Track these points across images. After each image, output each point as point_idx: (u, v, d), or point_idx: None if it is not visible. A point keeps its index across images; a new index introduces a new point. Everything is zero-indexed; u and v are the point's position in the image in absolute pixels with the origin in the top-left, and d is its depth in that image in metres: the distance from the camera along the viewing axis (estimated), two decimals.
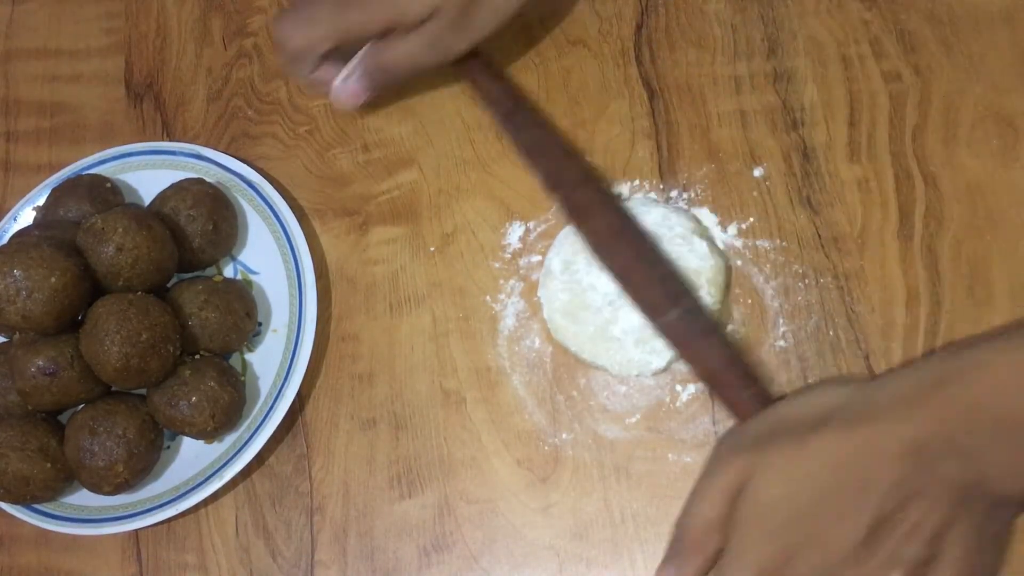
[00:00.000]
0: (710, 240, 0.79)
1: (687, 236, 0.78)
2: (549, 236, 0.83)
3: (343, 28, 0.79)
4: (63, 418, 0.83)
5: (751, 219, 0.81)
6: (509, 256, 0.84)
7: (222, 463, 0.79)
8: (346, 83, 0.82)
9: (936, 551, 0.60)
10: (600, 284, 0.78)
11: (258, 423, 0.80)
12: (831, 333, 0.77)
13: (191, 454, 0.83)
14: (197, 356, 0.81)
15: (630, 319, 0.77)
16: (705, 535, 0.66)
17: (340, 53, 0.82)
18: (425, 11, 0.77)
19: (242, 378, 0.83)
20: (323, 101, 0.92)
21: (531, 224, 0.85)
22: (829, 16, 0.84)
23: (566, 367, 0.80)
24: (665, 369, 0.77)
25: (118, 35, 1.01)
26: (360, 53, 0.82)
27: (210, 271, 0.87)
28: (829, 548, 0.61)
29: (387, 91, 0.86)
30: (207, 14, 0.99)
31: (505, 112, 0.85)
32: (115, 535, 0.83)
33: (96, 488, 0.79)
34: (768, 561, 0.62)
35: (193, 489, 0.79)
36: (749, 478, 0.63)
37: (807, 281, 0.78)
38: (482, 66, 0.85)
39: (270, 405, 0.80)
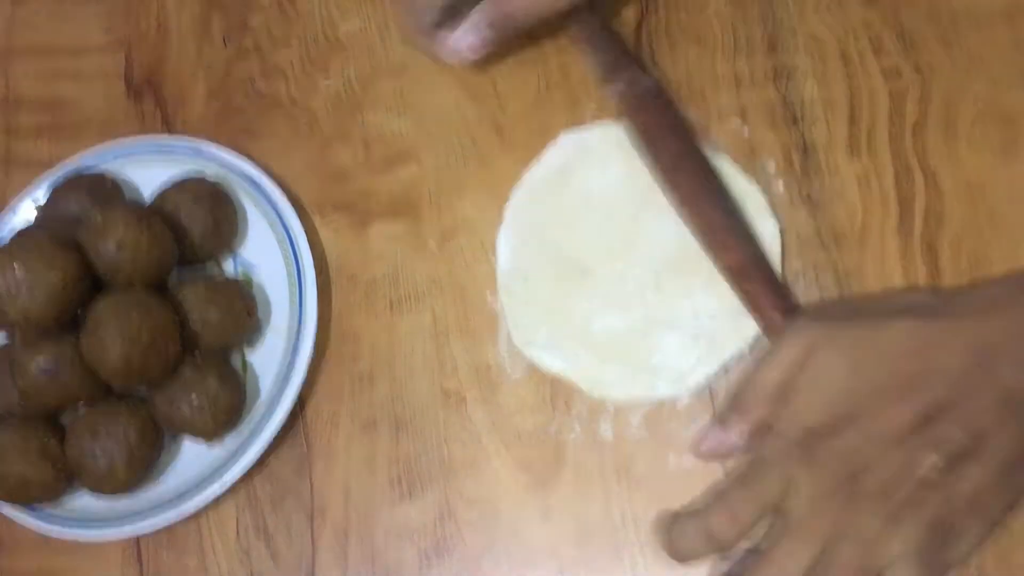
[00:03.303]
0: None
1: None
2: None
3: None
4: (64, 419, 0.82)
5: None
6: None
7: (223, 465, 0.79)
8: (466, 35, 0.80)
9: (978, 448, 0.61)
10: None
11: (259, 424, 0.80)
12: None
13: (192, 455, 0.82)
14: (197, 355, 0.81)
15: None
16: (764, 399, 0.67)
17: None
18: None
19: (242, 378, 0.83)
20: (325, 101, 0.92)
21: None
22: (829, 13, 0.84)
23: None
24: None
25: (118, 32, 1.00)
26: (479, 7, 0.80)
27: (210, 268, 0.87)
28: (877, 424, 0.62)
29: (504, 46, 0.85)
30: (207, 11, 0.98)
31: (607, 67, 0.84)
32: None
33: (97, 489, 0.78)
34: (816, 425, 0.64)
35: (195, 493, 0.79)
36: (816, 350, 0.65)
37: (807, 277, 0.78)
38: (594, 26, 0.85)
39: (271, 405, 0.80)
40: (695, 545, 0.67)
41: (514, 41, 0.88)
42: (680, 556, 0.68)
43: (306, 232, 0.85)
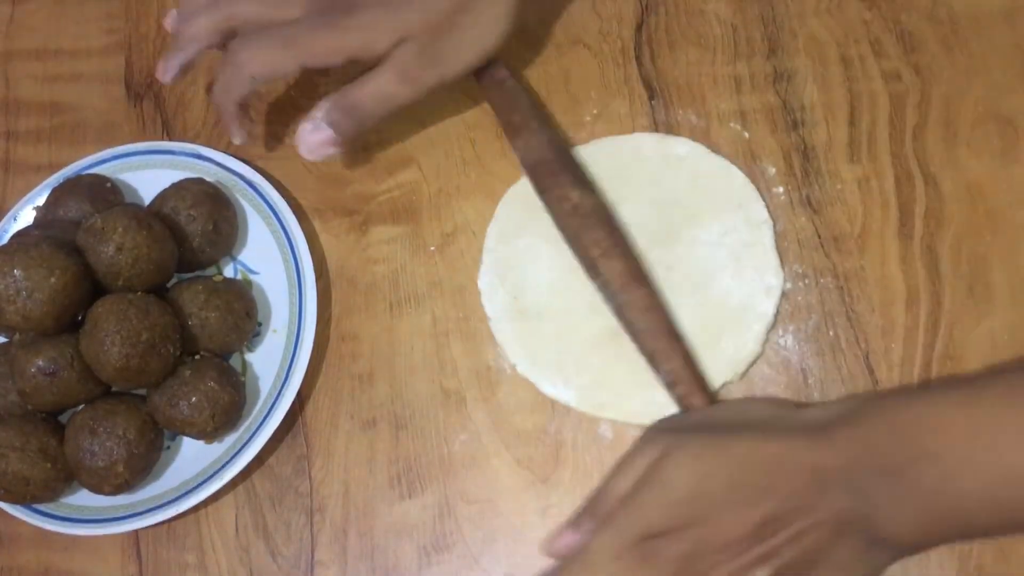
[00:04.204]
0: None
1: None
2: None
3: (311, 54, 0.77)
4: (63, 418, 0.82)
5: None
6: None
7: (222, 463, 0.79)
8: (316, 130, 0.79)
9: (808, 566, 0.63)
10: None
11: (258, 423, 0.80)
12: (831, 333, 0.77)
13: (191, 454, 0.82)
14: (197, 356, 0.81)
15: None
16: (613, 505, 0.67)
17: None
18: (392, 39, 0.76)
19: (242, 378, 0.83)
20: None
21: None
22: (829, 16, 0.85)
23: None
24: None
25: (118, 35, 1.00)
26: (327, 98, 0.79)
27: (210, 271, 0.87)
28: (715, 532, 0.63)
29: (357, 142, 0.84)
30: None
31: (511, 127, 0.84)
32: (115, 535, 0.83)
33: (96, 488, 0.78)
34: (655, 526, 0.63)
35: (193, 489, 0.79)
36: (665, 455, 0.65)
37: (807, 281, 0.78)
38: (495, 82, 0.85)
39: (270, 405, 0.80)
40: None
41: (513, 47, 0.89)
42: None
43: (306, 235, 0.85)
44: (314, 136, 0.79)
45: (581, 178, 0.80)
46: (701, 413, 0.74)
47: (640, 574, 0.63)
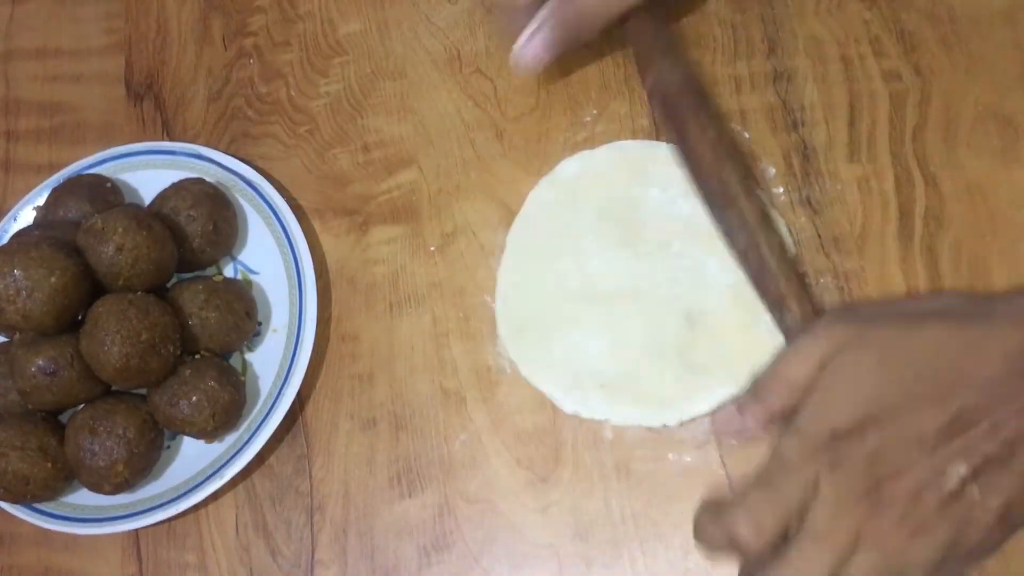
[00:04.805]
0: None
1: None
2: None
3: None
4: (63, 418, 0.82)
5: None
6: None
7: (222, 463, 0.79)
8: (532, 40, 0.78)
9: (1008, 458, 0.57)
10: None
11: (258, 423, 0.80)
12: None
13: (191, 454, 0.83)
14: (197, 356, 0.81)
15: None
16: (784, 391, 0.64)
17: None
18: None
19: (242, 378, 0.83)
20: (324, 104, 0.92)
21: None
22: (829, 15, 0.84)
23: None
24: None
25: (118, 35, 1.01)
26: (547, 5, 0.77)
27: (210, 271, 0.87)
28: (905, 429, 0.59)
29: (569, 51, 0.81)
30: (207, 14, 0.99)
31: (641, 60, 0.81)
32: (115, 534, 0.83)
33: (96, 488, 0.79)
34: (841, 425, 0.60)
35: (193, 489, 0.79)
36: (844, 349, 0.62)
37: (807, 281, 0.78)
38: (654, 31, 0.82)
39: (270, 405, 0.80)
40: (720, 546, 0.64)
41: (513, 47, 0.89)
42: (705, 552, 0.65)
43: (306, 235, 0.85)
44: (530, 47, 0.78)
45: (716, 115, 0.79)
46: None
47: (830, 478, 0.59)
